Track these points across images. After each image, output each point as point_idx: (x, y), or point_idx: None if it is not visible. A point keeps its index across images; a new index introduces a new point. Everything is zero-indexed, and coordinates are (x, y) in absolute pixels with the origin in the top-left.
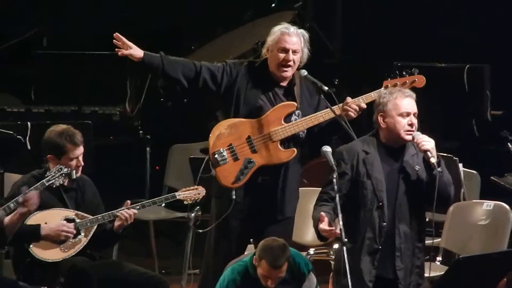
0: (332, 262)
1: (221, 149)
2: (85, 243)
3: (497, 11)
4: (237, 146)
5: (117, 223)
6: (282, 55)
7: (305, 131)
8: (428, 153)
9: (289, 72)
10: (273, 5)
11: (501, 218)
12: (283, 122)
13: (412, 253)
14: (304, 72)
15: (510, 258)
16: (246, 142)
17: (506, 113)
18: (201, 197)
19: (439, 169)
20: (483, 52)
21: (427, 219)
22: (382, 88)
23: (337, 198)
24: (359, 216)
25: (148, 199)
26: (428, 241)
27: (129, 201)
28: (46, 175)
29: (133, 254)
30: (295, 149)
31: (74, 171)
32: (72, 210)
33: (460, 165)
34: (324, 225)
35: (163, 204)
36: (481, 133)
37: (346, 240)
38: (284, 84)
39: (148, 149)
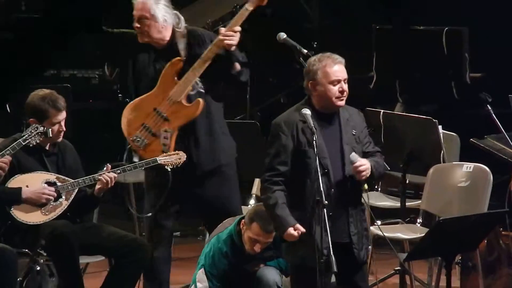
0: None
1: (136, 133)
2: (65, 207)
3: None
4: (149, 122)
5: (97, 186)
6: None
7: (202, 79)
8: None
9: (144, 38)
10: None
11: (481, 180)
12: (176, 80)
13: (360, 217)
14: (283, 35)
15: (490, 220)
16: (155, 114)
17: (485, 76)
18: (182, 162)
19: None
20: (461, 15)
21: (407, 181)
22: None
23: (318, 160)
24: (305, 185)
25: (128, 163)
26: (408, 203)
27: (109, 165)
28: (22, 135)
29: (114, 217)
30: (199, 100)
31: (50, 130)
32: (53, 174)
33: (440, 127)
34: (295, 233)
35: (143, 168)
36: (461, 96)
37: (326, 202)
38: (164, 45)
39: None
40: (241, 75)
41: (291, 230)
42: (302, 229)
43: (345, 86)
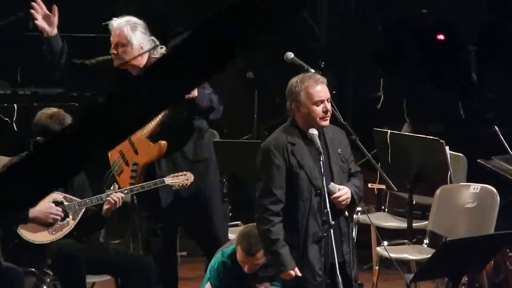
0: None
1: (115, 158)
2: (72, 226)
3: None
4: (125, 151)
5: (105, 206)
6: (112, 51)
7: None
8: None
9: (118, 63)
10: None
11: (487, 201)
12: None
13: (350, 235)
14: (291, 55)
15: (497, 241)
16: (129, 144)
17: (493, 96)
18: (189, 183)
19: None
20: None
21: (414, 202)
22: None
23: (324, 181)
24: (298, 208)
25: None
26: (415, 224)
27: (117, 185)
28: None
29: (120, 236)
30: (161, 142)
31: None
32: (60, 193)
33: (447, 148)
34: (293, 275)
35: (150, 189)
36: (468, 116)
37: (333, 222)
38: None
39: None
40: (210, 112)
41: (291, 272)
42: (299, 274)
43: (329, 106)
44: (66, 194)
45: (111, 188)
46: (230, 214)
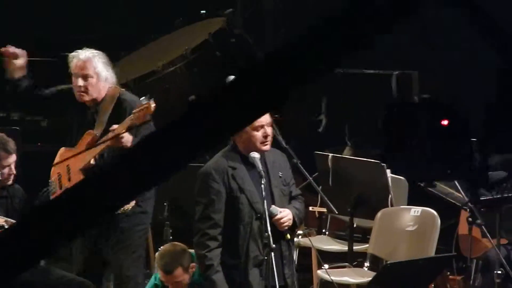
0: None
1: (53, 178)
2: None
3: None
4: (62, 174)
5: None
6: (78, 84)
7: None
8: (286, 230)
9: (85, 97)
10: (203, 12)
11: (428, 224)
12: (84, 148)
13: (291, 258)
14: (232, 78)
15: (437, 264)
16: (66, 170)
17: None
18: (130, 207)
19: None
20: (412, 58)
21: (355, 225)
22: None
23: (265, 205)
24: (239, 231)
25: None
26: (356, 247)
27: None
28: None
29: (61, 259)
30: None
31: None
32: (2, 217)
33: (388, 171)
34: None
35: None
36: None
37: (274, 246)
38: (92, 105)
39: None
40: None
41: None
42: None
43: (269, 130)
44: (7, 218)
45: None
46: (171, 237)
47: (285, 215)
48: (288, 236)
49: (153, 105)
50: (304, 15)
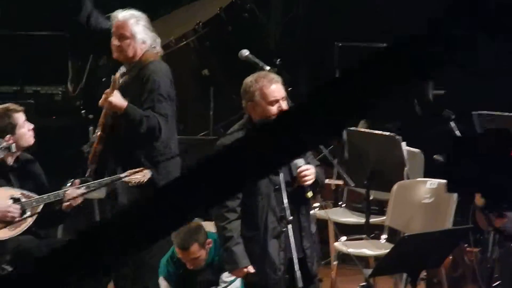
0: None
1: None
2: (31, 222)
3: None
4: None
5: (66, 203)
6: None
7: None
8: (308, 187)
9: (119, 56)
10: None
11: (445, 197)
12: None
13: (311, 229)
14: (245, 52)
15: (454, 237)
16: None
17: (448, 93)
18: (146, 179)
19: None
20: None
21: (371, 197)
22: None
23: (281, 177)
24: (257, 203)
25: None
26: (373, 219)
27: (77, 180)
28: None
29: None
30: (100, 133)
31: (13, 145)
32: (18, 190)
33: (403, 144)
34: (245, 272)
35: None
36: (423, 113)
37: (291, 218)
38: (132, 63)
39: (91, 128)
40: (139, 126)
41: (243, 270)
42: (252, 271)
43: (284, 105)
44: (23, 190)
45: (68, 184)
46: None
47: (309, 167)
48: (310, 194)
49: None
50: None
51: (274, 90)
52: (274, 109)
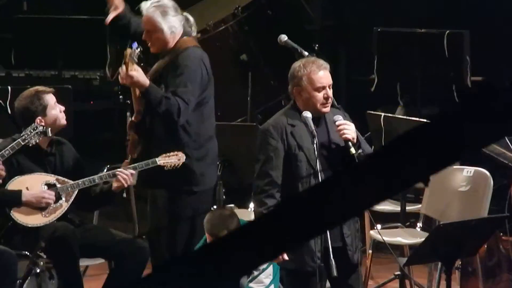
0: None
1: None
2: (66, 208)
3: None
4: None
5: (115, 184)
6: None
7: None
8: (349, 142)
9: (152, 49)
10: None
11: (481, 184)
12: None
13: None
14: (284, 37)
15: (490, 225)
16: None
17: (487, 79)
18: (181, 163)
19: (360, 151)
20: (463, 18)
21: None
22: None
23: (317, 162)
24: (297, 188)
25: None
26: (408, 208)
27: (127, 161)
28: (21, 135)
29: (114, 219)
30: (133, 119)
31: (49, 129)
32: (52, 175)
33: None
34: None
35: (143, 169)
36: (462, 99)
37: None
38: (167, 50)
39: (128, 114)
40: (158, 106)
41: (279, 257)
42: (286, 258)
43: (330, 92)
44: (58, 176)
45: (104, 170)
46: (224, 197)
47: (349, 123)
48: (353, 150)
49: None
50: None
51: (322, 77)
52: (320, 95)
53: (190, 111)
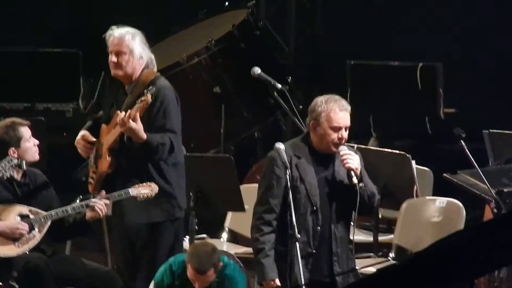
0: None
1: (91, 154)
2: (39, 239)
3: (445, 11)
4: (96, 150)
5: (90, 214)
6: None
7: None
8: (352, 172)
9: (119, 72)
10: (226, 3)
11: (453, 215)
12: (112, 128)
13: (347, 256)
14: (257, 70)
15: None
16: (100, 147)
17: (459, 111)
18: (154, 194)
19: (361, 184)
20: (436, 51)
21: (380, 216)
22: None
23: (290, 195)
24: (292, 221)
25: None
26: (381, 238)
27: (104, 191)
28: None
29: (86, 249)
30: (108, 158)
31: (24, 162)
32: (26, 206)
33: (413, 162)
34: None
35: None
36: (434, 131)
37: (299, 236)
38: (131, 82)
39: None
40: (156, 153)
41: (271, 283)
42: (278, 284)
43: (345, 134)
44: (31, 207)
45: (77, 201)
46: (196, 227)
47: (353, 153)
48: (355, 180)
49: (149, 96)
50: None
51: (341, 118)
52: (334, 135)
53: (180, 139)
